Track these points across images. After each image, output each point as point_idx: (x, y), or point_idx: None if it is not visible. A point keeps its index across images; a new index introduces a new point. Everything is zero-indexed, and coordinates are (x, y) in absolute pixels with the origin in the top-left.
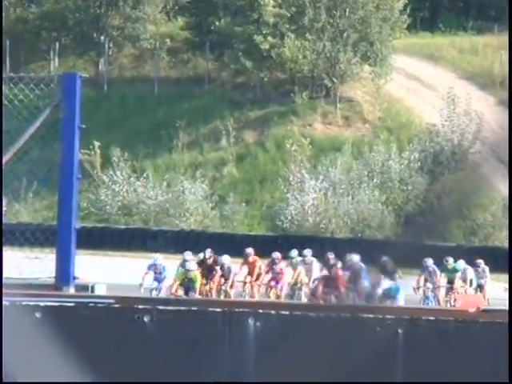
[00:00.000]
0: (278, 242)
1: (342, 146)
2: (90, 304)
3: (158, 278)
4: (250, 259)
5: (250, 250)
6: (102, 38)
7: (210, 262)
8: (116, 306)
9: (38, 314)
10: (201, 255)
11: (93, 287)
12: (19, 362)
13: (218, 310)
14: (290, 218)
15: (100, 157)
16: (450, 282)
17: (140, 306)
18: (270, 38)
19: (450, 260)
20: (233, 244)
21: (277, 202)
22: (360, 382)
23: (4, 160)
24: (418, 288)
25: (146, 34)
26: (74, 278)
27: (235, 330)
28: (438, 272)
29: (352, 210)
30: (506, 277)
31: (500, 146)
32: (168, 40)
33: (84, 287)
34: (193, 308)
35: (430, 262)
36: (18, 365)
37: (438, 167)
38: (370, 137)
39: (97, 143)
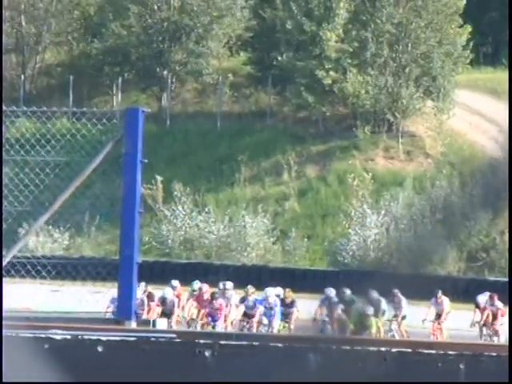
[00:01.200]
0: (339, 277)
1: (404, 181)
2: (152, 338)
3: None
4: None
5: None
6: (165, 72)
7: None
8: (177, 340)
9: (99, 348)
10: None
11: (154, 322)
12: None
13: (280, 344)
14: (351, 252)
15: (162, 191)
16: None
17: (201, 341)
18: (332, 73)
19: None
20: (294, 279)
21: (338, 236)
22: None
23: (66, 194)
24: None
25: (209, 69)
26: (136, 313)
27: (296, 365)
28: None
29: (414, 245)
30: None
31: None
32: (230, 75)
33: (146, 322)
34: (254, 343)
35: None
36: None
37: (500, 202)
38: (432, 171)
39: (159, 178)
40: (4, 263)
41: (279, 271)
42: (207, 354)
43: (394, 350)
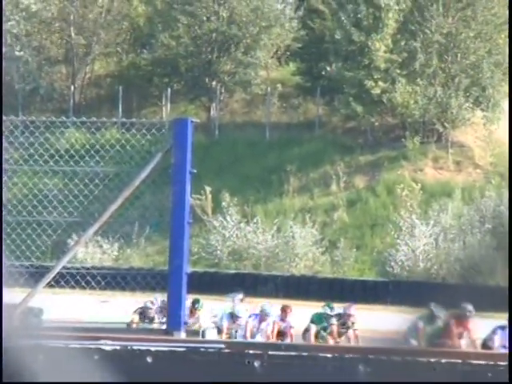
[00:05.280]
0: (388, 288)
1: (453, 191)
2: (201, 349)
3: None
4: None
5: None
6: (214, 83)
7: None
8: (226, 350)
9: (149, 359)
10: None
11: (203, 332)
12: None
13: (329, 355)
14: (400, 263)
15: (211, 201)
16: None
17: (250, 351)
18: (380, 83)
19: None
20: (343, 289)
21: (387, 247)
22: None
23: (116, 205)
24: None
25: (258, 80)
26: (185, 323)
27: (346, 376)
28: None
29: (463, 255)
30: None
31: None
32: (279, 85)
33: (195, 332)
34: (303, 353)
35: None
36: None
37: None
38: (481, 182)
39: (208, 188)
40: (53, 274)
41: (328, 282)
42: (256, 364)
43: (443, 360)
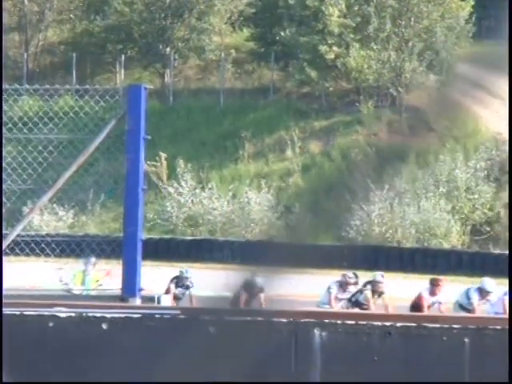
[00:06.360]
0: (344, 253)
1: (408, 156)
2: (156, 315)
3: None
4: None
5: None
6: (168, 49)
7: None
8: (182, 317)
9: (104, 326)
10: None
11: (159, 298)
12: (84, 369)
13: (284, 320)
14: (355, 227)
15: (166, 168)
16: None
17: (206, 317)
18: (335, 48)
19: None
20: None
21: (342, 211)
22: None
23: (70, 172)
24: None
25: (212, 46)
26: (140, 290)
27: (301, 341)
28: None
29: (418, 219)
30: None
31: None
32: (233, 51)
33: (150, 298)
34: (259, 318)
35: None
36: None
37: (504, 175)
38: (436, 146)
39: (163, 154)
40: (8, 241)
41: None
42: (211, 330)
43: (398, 324)
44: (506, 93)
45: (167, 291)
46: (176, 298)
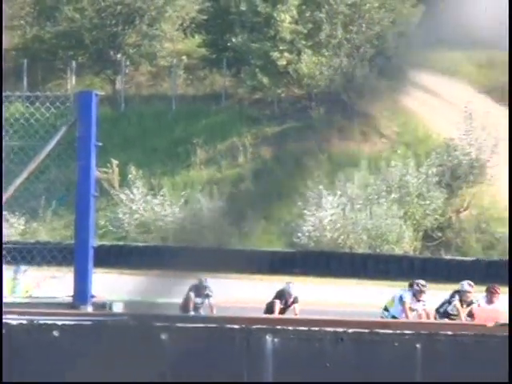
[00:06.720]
0: (296, 258)
1: (359, 161)
2: (108, 322)
3: None
4: None
5: None
6: (119, 56)
7: None
8: (133, 323)
9: (55, 333)
10: None
11: (110, 305)
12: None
13: (236, 326)
14: (307, 233)
15: (118, 175)
16: None
17: (158, 324)
18: (286, 54)
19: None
20: (253, 261)
21: (294, 218)
22: None
23: (21, 179)
24: None
25: (163, 52)
26: (92, 297)
27: (253, 347)
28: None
29: (370, 225)
30: None
31: None
32: (185, 57)
33: (102, 305)
34: (210, 325)
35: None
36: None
37: (456, 181)
38: (387, 151)
39: (114, 161)
40: None
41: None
42: (163, 337)
43: (350, 330)
44: (456, 99)
45: (186, 300)
46: (195, 307)
